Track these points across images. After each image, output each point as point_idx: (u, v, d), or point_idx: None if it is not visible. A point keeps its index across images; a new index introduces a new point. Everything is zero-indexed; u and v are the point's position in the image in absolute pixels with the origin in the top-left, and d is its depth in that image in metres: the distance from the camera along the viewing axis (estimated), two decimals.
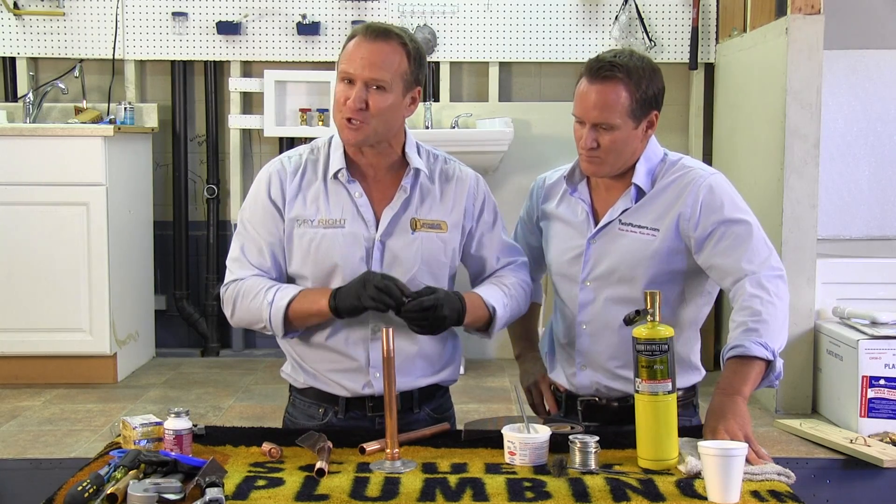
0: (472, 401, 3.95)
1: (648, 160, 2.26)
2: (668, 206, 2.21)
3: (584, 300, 2.29)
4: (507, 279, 2.32)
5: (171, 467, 1.81)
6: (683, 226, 2.19)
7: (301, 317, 2.17)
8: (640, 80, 2.18)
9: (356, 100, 2.14)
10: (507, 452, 1.96)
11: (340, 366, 2.23)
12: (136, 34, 4.70)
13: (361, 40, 2.17)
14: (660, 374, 1.89)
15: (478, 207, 2.33)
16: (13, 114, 4.62)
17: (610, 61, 2.17)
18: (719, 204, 2.18)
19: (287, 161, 2.28)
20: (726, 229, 2.17)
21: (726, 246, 2.16)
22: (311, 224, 2.22)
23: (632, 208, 2.24)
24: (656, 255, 2.20)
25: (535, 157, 4.69)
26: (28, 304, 4.13)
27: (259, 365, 4.61)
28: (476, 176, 2.37)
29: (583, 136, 2.21)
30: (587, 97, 2.19)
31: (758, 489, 1.81)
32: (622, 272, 2.23)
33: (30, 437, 3.39)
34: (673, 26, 4.70)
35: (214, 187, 4.79)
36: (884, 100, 4.50)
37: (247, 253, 2.24)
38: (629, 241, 2.23)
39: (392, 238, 2.22)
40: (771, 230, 3.79)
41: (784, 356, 3.96)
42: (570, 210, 2.34)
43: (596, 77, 2.18)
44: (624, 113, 2.17)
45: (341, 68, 2.18)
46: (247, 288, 2.20)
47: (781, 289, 2.17)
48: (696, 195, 2.19)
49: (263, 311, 2.17)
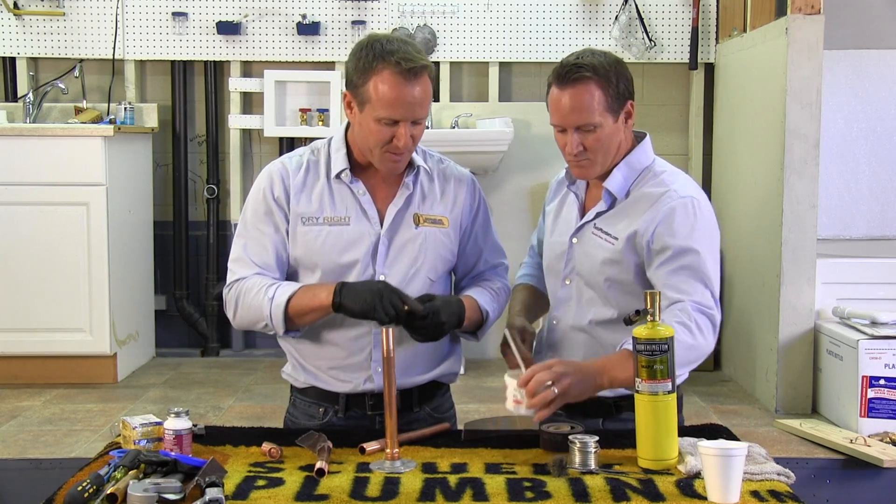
0: (472, 401, 3.95)
1: (630, 167, 2.25)
2: (632, 220, 2.20)
3: (562, 297, 2.32)
4: (494, 283, 2.37)
5: (170, 467, 1.81)
6: (637, 241, 2.18)
7: (301, 312, 2.17)
8: (609, 75, 2.18)
9: (407, 140, 2.15)
10: (511, 402, 1.99)
11: (343, 361, 2.24)
12: (136, 34, 4.70)
13: (400, 83, 2.11)
14: (660, 374, 1.89)
15: (475, 206, 2.37)
16: (13, 114, 4.62)
17: (575, 63, 2.18)
18: (675, 228, 2.14)
19: (288, 161, 2.29)
20: (674, 254, 2.13)
21: (669, 270, 2.14)
22: (316, 221, 2.23)
23: (607, 214, 2.25)
24: (609, 263, 2.21)
25: (535, 157, 4.69)
26: (28, 304, 4.13)
27: (259, 365, 4.61)
28: (472, 176, 2.40)
29: (567, 143, 2.20)
30: (562, 103, 2.19)
31: (758, 489, 1.81)
32: (586, 275, 2.26)
33: (30, 437, 3.39)
34: (673, 26, 4.71)
35: (214, 187, 4.79)
36: (884, 100, 4.50)
37: (249, 252, 2.24)
38: (594, 245, 2.25)
39: (396, 234, 2.25)
40: (771, 230, 3.80)
41: (783, 357, 3.98)
42: (568, 205, 2.36)
43: (566, 81, 2.17)
44: (602, 110, 2.18)
45: (381, 114, 2.12)
46: (248, 286, 2.21)
47: (706, 328, 2.10)
48: (654, 214, 2.17)
49: (264, 308, 2.17)
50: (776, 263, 3.75)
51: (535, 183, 4.69)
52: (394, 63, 2.10)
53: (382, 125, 2.14)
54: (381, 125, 2.14)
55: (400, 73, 2.10)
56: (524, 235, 4.39)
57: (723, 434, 2.09)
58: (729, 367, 4.44)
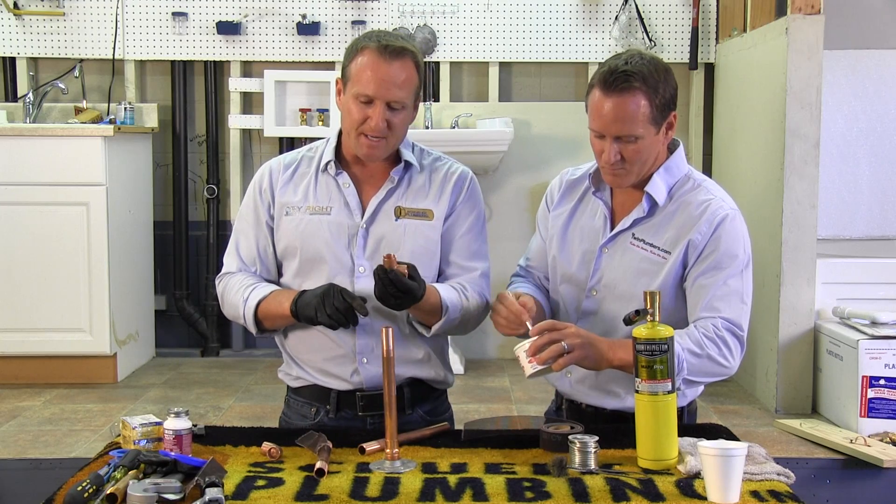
0: (472, 401, 3.95)
1: (670, 173, 2.19)
2: (681, 230, 2.14)
3: (587, 309, 2.24)
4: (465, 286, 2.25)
5: (170, 467, 1.81)
6: (690, 252, 2.13)
7: (268, 317, 2.24)
8: (657, 85, 2.09)
9: (379, 121, 2.15)
10: (526, 364, 2.01)
11: (330, 353, 2.25)
12: (136, 34, 4.70)
13: (378, 60, 2.15)
14: (659, 374, 1.89)
15: (461, 200, 2.30)
16: (13, 114, 4.62)
17: (624, 70, 2.07)
18: (724, 239, 2.12)
19: (282, 158, 2.35)
20: (718, 264, 2.10)
21: (710, 280, 2.11)
22: (298, 210, 2.27)
23: (646, 224, 2.18)
24: (663, 277, 2.14)
25: (535, 157, 4.70)
26: (28, 304, 4.13)
27: (259, 365, 4.61)
28: (469, 174, 2.34)
29: (604, 150, 2.12)
30: (605, 110, 2.09)
31: (757, 489, 1.81)
32: (624, 288, 2.17)
33: (30, 437, 3.39)
34: (673, 26, 4.70)
35: (214, 187, 4.79)
36: (884, 100, 4.50)
37: (239, 247, 2.34)
38: (640, 258, 2.17)
39: (375, 224, 2.25)
40: (771, 230, 3.80)
41: (783, 357, 3.98)
42: (589, 211, 2.27)
43: (612, 88, 2.07)
44: (646, 122, 2.09)
45: (357, 90, 2.15)
46: (231, 283, 2.30)
47: (735, 349, 2.12)
48: (710, 224, 2.12)
49: (239, 308, 2.25)
50: (776, 263, 3.75)
51: (536, 183, 4.69)
52: (375, 41, 2.17)
53: (359, 104, 2.16)
54: (357, 104, 2.16)
55: (378, 50, 2.15)
56: (524, 235, 4.40)
57: (723, 434, 2.09)
58: None
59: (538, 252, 2.37)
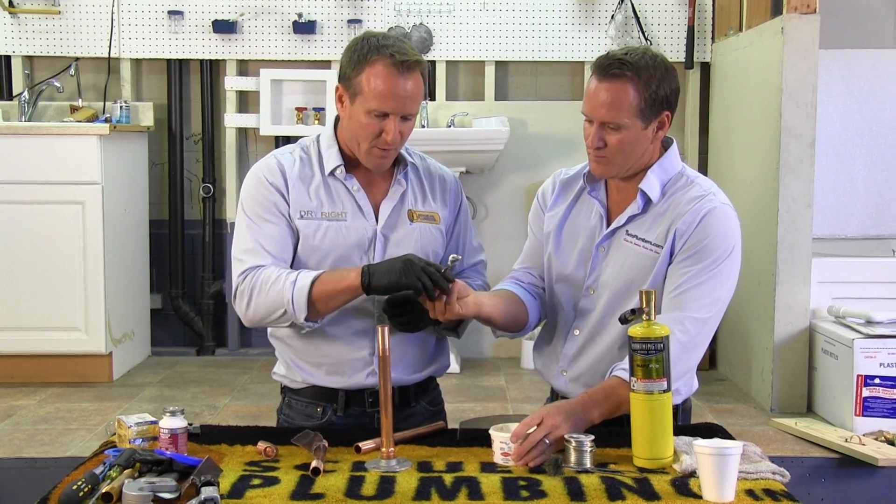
0: (467, 400, 3.95)
1: (664, 170, 2.20)
2: (672, 223, 2.15)
3: (584, 307, 2.24)
4: (475, 281, 2.34)
5: (166, 466, 1.80)
6: (676, 241, 2.14)
7: (327, 295, 2.12)
8: (650, 80, 2.11)
9: (396, 134, 2.15)
10: (499, 454, 1.95)
11: (345, 357, 2.25)
12: (132, 33, 4.69)
13: (393, 76, 2.12)
14: (655, 373, 1.89)
15: (459, 205, 2.38)
16: (8, 112, 4.61)
17: (619, 59, 2.11)
18: (711, 231, 2.12)
19: (280, 156, 2.29)
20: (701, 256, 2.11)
21: (688, 270, 2.11)
22: (314, 216, 2.23)
23: (640, 219, 2.19)
24: (657, 270, 2.15)
25: (531, 156, 4.70)
26: (23, 303, 4.13)
27: (254, 364, 4.61)
28: (454, 176, 2.41)
29: (590, 135, 2.16)
30: (595, 95, 2.13)
31: (753, 488, 1.81)
32: (620, 285, 2.18)
33: (25, 436, 3.38)
34: (669, 25, 4.71)
35: (210, 186, 4.78)
36: (879, 99, 4.50)
37: (263, 242, 2.20)
38: (634, 254, 2.18)
39: (393, 230, 2.26)
40: (766, 229, 3.81)
41: (778, 356, 3.98)
42: (585, 210, 2.28)
43: (604, 75, 2.12)
44: (632, 112, 2.11)
45: (372, 106, 2.13)
46: (266, 275, 2.16)
47: (702, 334, 2.11)
48: (697, 214, 2.13)
49: (286, 293, 2.12)
50: (772, 262, 3.76)
51: (531, 182, 4.69)
52: (388, 55, 2.12)
53: (372, 118, 2.14)
54: (371, 118, 2.14)
55: (394, 65, 2.12)
56: (520, 234, 4.36)
57: (718, 433, 2.09)
58: (724, 366, 4.45)
59: (531, 252, 2.40)
